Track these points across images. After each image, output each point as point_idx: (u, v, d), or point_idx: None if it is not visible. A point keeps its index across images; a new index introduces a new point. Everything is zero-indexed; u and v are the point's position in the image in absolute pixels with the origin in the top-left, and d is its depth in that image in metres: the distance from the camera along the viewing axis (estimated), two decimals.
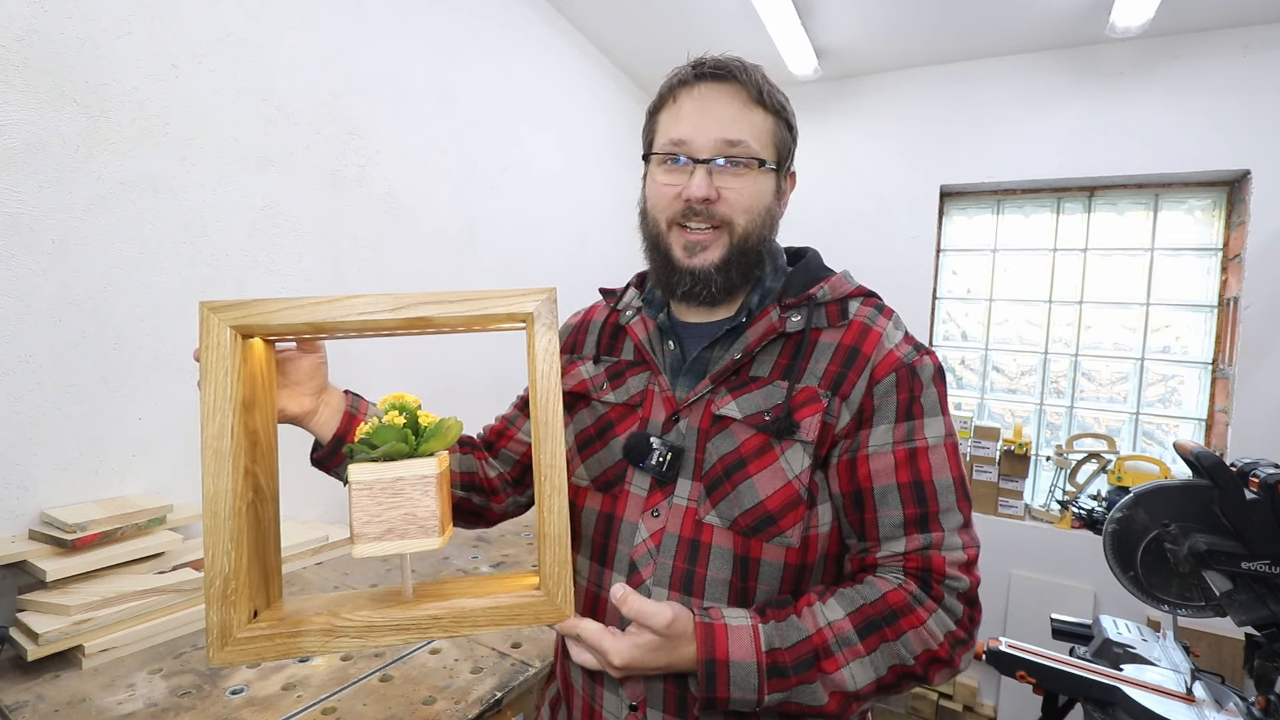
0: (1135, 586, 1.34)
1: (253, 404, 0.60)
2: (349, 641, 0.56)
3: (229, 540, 0.54)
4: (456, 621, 0.57)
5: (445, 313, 0.59)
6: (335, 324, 0.58)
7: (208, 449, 0.55)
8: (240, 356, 0.57)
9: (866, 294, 0.74)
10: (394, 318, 0.58)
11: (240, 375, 0.57)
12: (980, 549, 0.66)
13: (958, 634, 0.62)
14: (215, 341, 0.56)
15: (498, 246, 2.29)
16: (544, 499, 0.59)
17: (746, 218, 0.70)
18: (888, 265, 2.97)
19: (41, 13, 1.10)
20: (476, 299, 0.59)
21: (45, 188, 1.12)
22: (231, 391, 0.56)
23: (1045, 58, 2.68)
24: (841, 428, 0.66)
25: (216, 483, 0.55)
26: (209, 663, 0.54)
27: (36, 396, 1.13)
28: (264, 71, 1.48)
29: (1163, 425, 2.70)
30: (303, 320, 0.58)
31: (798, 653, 0.59)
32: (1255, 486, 1.19)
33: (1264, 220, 2.35)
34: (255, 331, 0.58)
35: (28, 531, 1.10)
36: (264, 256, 1.51)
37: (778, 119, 0.71)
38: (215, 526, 0.54)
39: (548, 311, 0.60)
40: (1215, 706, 1.20)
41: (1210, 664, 2.14)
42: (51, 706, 0.89)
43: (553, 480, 0.59)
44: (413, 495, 0.57)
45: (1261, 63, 2.36)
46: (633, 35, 2.72)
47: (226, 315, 0.56)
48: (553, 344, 0.60)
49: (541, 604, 0.59)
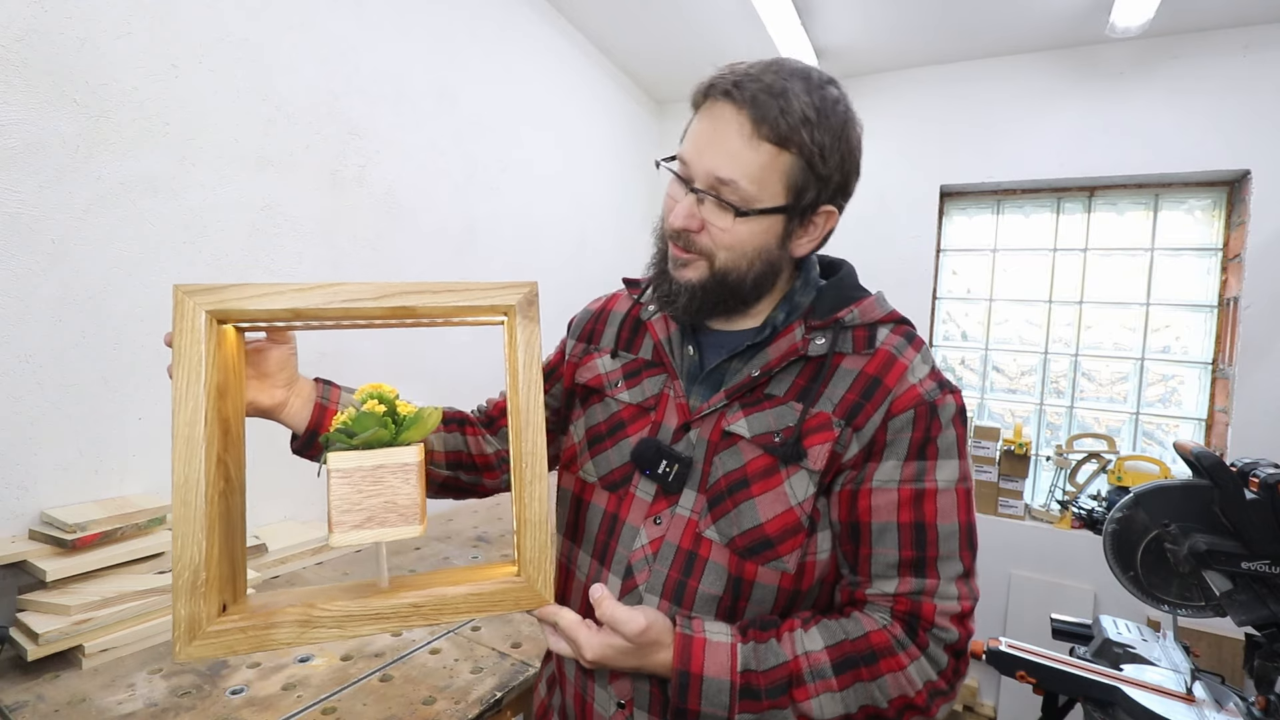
0: (1135, 586, 1.34)
1: (225, 391, 0.59)
2: (326, 632, 0.54)
3: (200, 530, 0.52)
4: (437, 609, 0.57)
5: (428, 302, 0.59)
6: (317, 310, 0.57)
7: (179, 436, 0.53)
8: (215, 342, 0.56)
9: (898, 320, 0.70)
10: (377, 305, 0.58)
11: (214, 361, 0.56)
12: (978, 600, 0.64)
13: (938, 685, 0.61)
14: (190, 326, 0.55)
15: (498, 246, 2.29)
16: (524, 485, 0.59)
17: (728, 255, 0.65)
18: (888, 265, 2.97)
19: (41, 13, 1.10)
20: (460, 290, 0.60)
21: (45, 188, 1.12)
22: (206, 377, 0.54)
23: (1045, 58, 2.68)
24: (850, 458, 0.64)
25: (188, 469, 0.53)
26: (174, 658, 0.52)
27: (36, 396, 1.13)
28: (264, 71, 1.48)
29: (1163, 425, 2.70)
30: (284, 306, 0.56)
31: (772, 677, 0.59)
32: (1255, 486, 1.19)
33: (1264, 220, 2.35)
34: (232, 317, 0.58)
35: (28, 531, 1.11)
36: (264, 256, 1.51)
37: (797, 155, 0.62)
38: (186, 515, 0.52)
39: (528, 305, 0.61)
40: (1215, 706, 1.20)
41: (1210, 664, 2.14)
42: (51, 706, 0.89)
43: (533, 468, 0.59)
44: (393, 483, 0.57)
45: (1261, 63, 2.36)
46: (633, 35, 2.72)
47: (202, 299, 0.55)
48: (533, 337, 0.61)
49: (521, 589, 0.59)
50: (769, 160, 0.62)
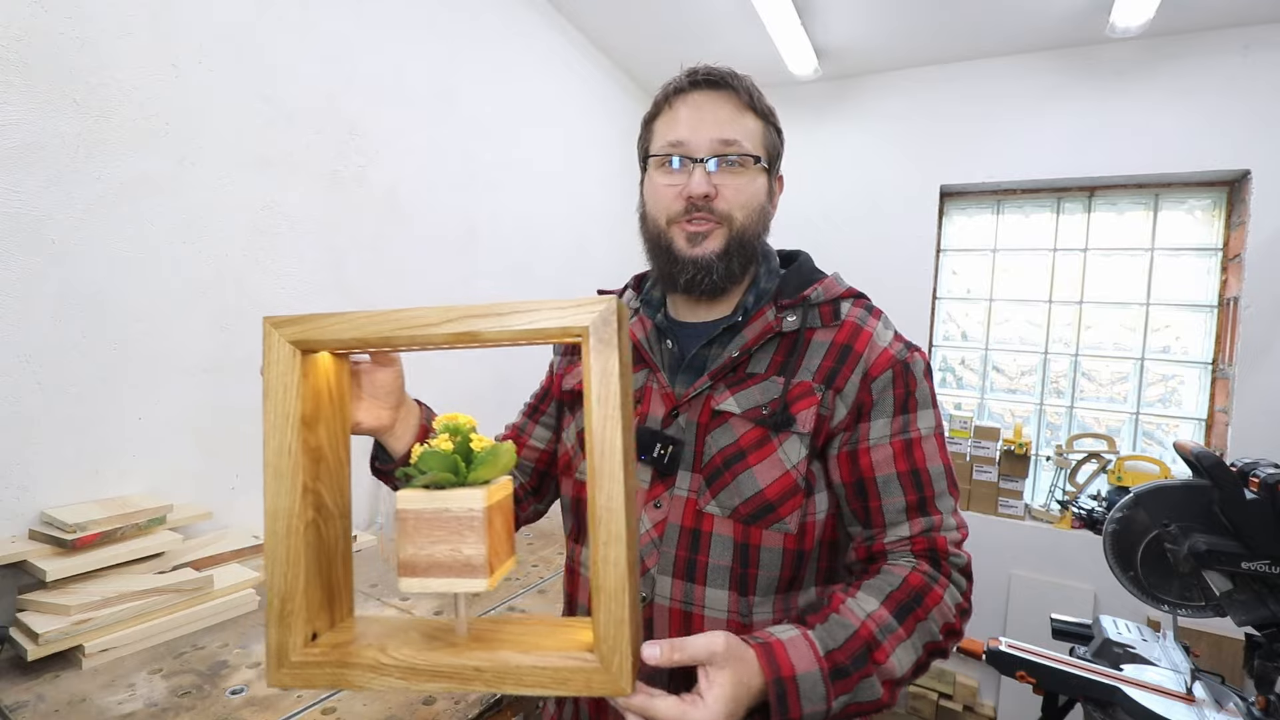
0: (1135, 586, 1.34)
1: (315, 420, 0.58)
2: (392, 681, 0.52)
3: (284, 560, 0.53)
4: (499, 677, 0.52)
5: (494, 326, 0.54)
6: (383, 339, 0.56)
7: (268, 467, 0.54)
8: (301, 372, 0.56)
9: (856, 295, 0.78)
10: (442, 332, 0.55)
11: (299, 392, 0.55)
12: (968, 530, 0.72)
13: (964, 605, 0.68)
14: (276, 357, 0.55)
15: (499, 246, 2.29)
16: (599, 547, 0.51)
17: (744, 213, 0.73)
18: (888, 265, 2.97)
19: (41, 12, 1.10)
20: (527, 311, 0.54)
21: (45, 188, 1.12)
22: (290, 408, 0.54)
23: (1045, 58, 2.68)
24: (838, 421, 0.70)
25: (275, 501, 0.54)
26: (268, 683, 0.52)
27: (36, 396, 1.13)
28: (264, 71, 1.48)
29: (1163, 425, 2.70)
30: (351, 335, 0.55)
31: (851, 650, 0.59)
32: (1255, 486, 1.19)
33: (1264, 220, 2.35)
34: (314, 346, 0.56)
35: (28, 531, 1.10)
36: (264, 256, 1.51)
37: (767, 125, 0.76)
38: (274, 545, 0.53)
39: (604, 325, 0.52)
40: (1215, 706, 1.20)
41: (1210, 664, 2.14)
42: (51, 706, 0.89)
43: (609, 526, 0.50)
44: (458, 530, 0.52)
45: (1261, 63, 2.36)
46: (632, 35, 2.72)
47: (286, 330, 0.55)
48: (611, 364, 0.52)
49: (594, 672, 0.50)
50: (755, 127, 0.74)
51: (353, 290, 1.74)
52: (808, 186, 3.09)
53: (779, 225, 0.83)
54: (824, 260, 0.83)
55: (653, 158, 0.76)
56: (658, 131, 0.77)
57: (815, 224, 3.10)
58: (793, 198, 3.30)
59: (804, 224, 3.09)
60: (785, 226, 0.80)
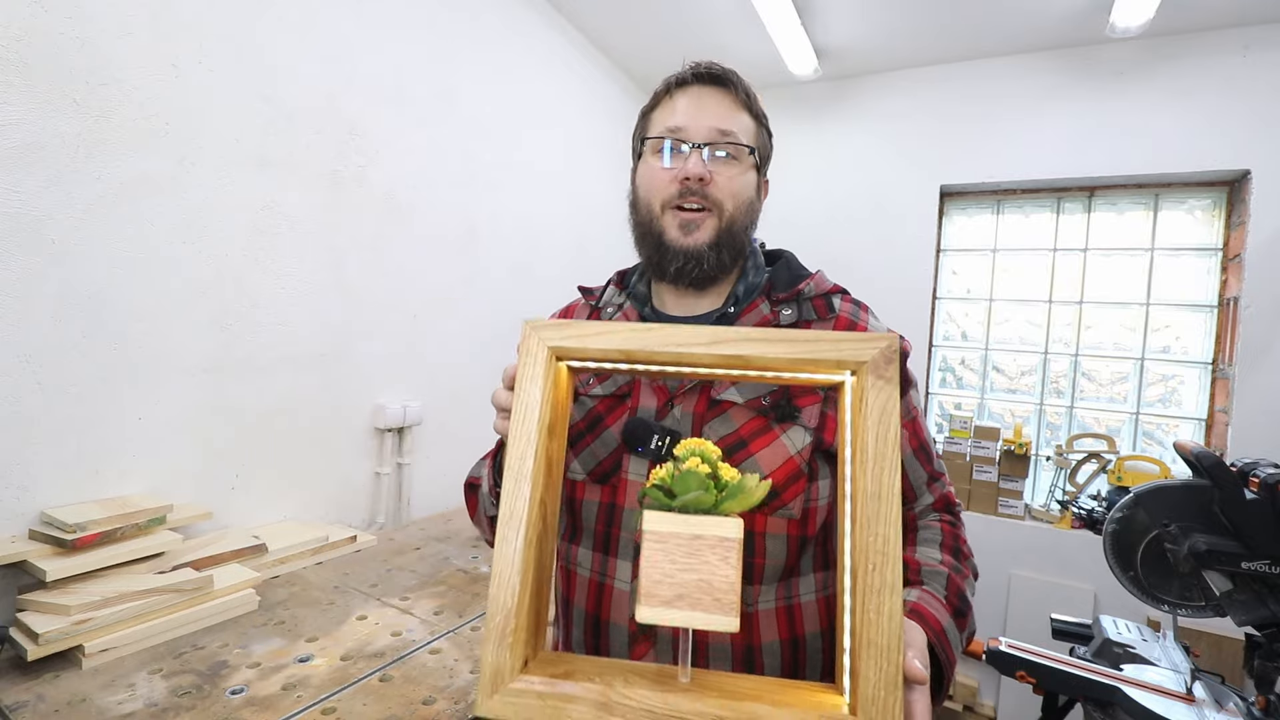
0: (1135, 586, 1.34)
1: (554, 430, 0.57)
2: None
3: (516, 573, 0.50)
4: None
5: (762, 352, 0.52)
6: (649, 354, 0.54)
7: (509, 470, 0.52)
8: (552, 379, 0.54)
9: (843, 291, 0.81)
10: (708, 353, 0.53)
11: (550, 397, 0.54)
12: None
13: (967, 540, 0.79)
14: (533, 360, 0.54)
15: (499, 246, 2.29)
16: (869, 594, 0.46)
17: (734, 203, 0.75)
18: (888, 265, 2.97)
19: (41, 12, 1.10)
20: (798, 340, 0.52)
21: (45, 188, 1.12)
22: (540, 414, 0.53)
23: (1045, 58, 2.68)
24: None
25: (514, 504, 0.51)
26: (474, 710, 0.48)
27: (36, 396, 1.13)
28: (264, 71, 1.48)
29: (1163, 425, 2.70)
30: (616, 346, 0.54)
31: (951, 591, 0.67)
32: (1255, 486, 1.19)
33: (1264, 220, 2.36)
34: (572, 355, 0.55)
35: (28, 531, 1.11)
36: (264, 256, 1.51)
37: (760, 126, 0.79)
38: (504, 555, 0.50)
39: (885, 363, 0.50)
40: (1215, 706, 1.20)
41: (1210, 664, 2.14)
42: (51, 706, 0.89)
43: (883, 574, 0.45)
44: (711, 559, 0.49)
45: (1261, 63, 2.36)
46: (632, 35, 2.72)
47: (546, 335, 0.54)
48: (892, 402, 0.49)
49: None
50: (749, 124, 0.77)
51: (353, 290, 1.74)
52: (808, 186, 3.09)
53: (778, 225, 0.84)
54: (824, 260, 0.84)
55: (649, 140, 0.77)
56: (655, 120, 0.78)
57: (815, 223, 3.10)
58: (793, 197, 3.32)
59: (804, 224, 3.09)
60: (785, 226, 0.81)
